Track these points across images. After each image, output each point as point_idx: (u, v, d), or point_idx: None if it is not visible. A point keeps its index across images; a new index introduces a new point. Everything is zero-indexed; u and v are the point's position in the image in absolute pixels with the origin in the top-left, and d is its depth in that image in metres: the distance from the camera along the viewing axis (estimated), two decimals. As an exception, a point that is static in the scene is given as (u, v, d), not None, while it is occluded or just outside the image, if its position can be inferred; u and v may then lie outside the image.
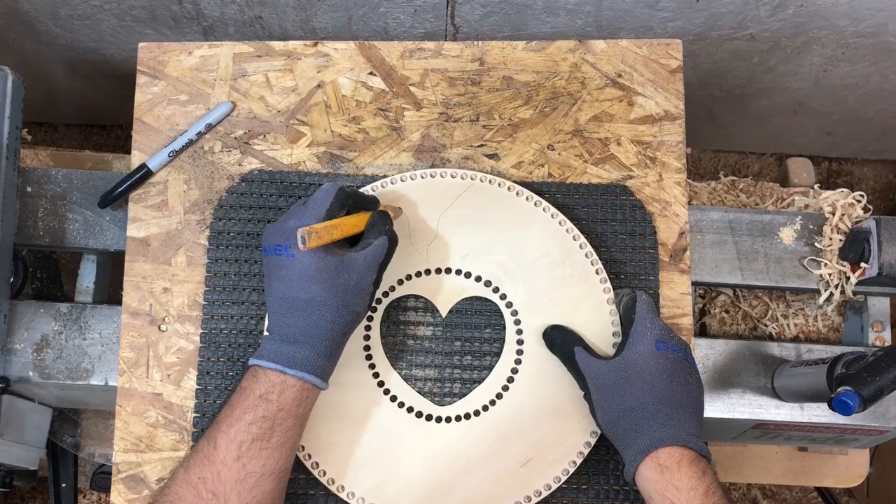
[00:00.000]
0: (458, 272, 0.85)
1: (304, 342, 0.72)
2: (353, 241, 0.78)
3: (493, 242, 0.85)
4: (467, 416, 0.82)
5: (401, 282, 0.84)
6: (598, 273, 0.84)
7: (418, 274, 0.85)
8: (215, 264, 0.86)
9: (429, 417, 0.82)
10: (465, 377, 0.83)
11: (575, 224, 0.87)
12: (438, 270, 0.85)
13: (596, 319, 0.83)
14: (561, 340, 0.81)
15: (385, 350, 0.83)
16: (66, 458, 1.11)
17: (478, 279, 0.84)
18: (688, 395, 0.75)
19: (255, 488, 0.69)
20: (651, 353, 0.75)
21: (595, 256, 0.84)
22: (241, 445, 0.69)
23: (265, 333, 0.75)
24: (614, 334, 0.83)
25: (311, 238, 0.71)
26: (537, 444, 0.80)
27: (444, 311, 0.84)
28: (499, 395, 0.82)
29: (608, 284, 0.84)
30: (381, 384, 0.83)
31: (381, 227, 0.77)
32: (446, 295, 0.85)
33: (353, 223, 0.77)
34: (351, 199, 0.78)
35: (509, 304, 0.84)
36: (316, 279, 0.72)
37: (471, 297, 0.85)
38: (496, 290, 0.84)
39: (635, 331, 0.77)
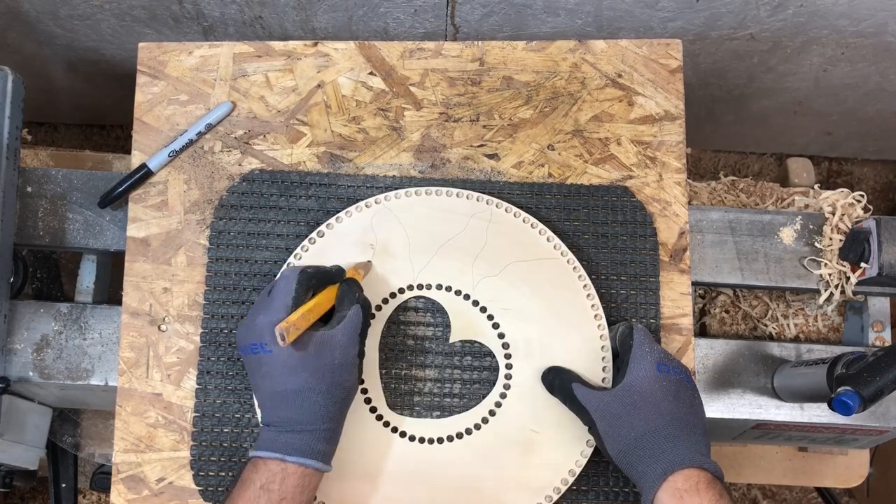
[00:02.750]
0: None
1: (301, 430, 0.71)
2: (325, 318, 0.76)
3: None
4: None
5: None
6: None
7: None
8: (216, 264, 0.86)
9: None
10: (456, 400, 0.84)
11: (576, 225, 0.87)
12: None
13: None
14: (559, 381, 0.80)
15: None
16: (66, 458, 1.11)
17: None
18: (695, 416, 0.75)
19: None
20: (654, 376, 0.74)
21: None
22: None
23: (261, 425, 0.74)
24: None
25: (290, 332, 0.69)
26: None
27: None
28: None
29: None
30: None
31: (352, 297, 0.76)
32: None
33: (324, 302, 0.75)
34: (315, 279, 0.76)
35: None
36: (300, 368, 0.71)
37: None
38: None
39: (635, 356, 0.76)
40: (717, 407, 0.94)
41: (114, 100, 1.42)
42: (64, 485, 1.11)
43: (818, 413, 0.95)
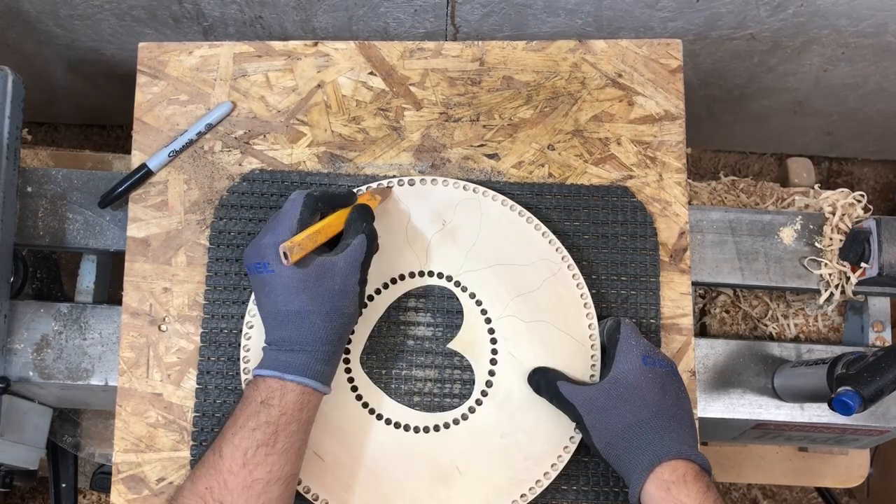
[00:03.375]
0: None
1: (300, 350, 0.72)
2: (334, 242, 0.77)
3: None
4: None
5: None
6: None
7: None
8: (216, 264, 0.86)
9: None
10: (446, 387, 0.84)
11: (576, 225, 0.87)
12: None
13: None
14: (544, 381, 0.80)
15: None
16: (66, 458, 1.11)
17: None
18: (681, 408, 0.75)
19: (262, 495, 0.69)
20: (639, 368, 0.75)
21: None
22: (247, 452, 0.69)
23: (264, 345, 0.75)
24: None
25: (294, 252, 0.71)
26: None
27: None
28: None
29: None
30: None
31: (359, 226, 0.77)
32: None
33: (333, 225, 0.76)
34: (322, 202, 0.78)
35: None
36: (300, 290, 0.72)
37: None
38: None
39: (621, 349, 0.76)
40: (717, 407, 0.94)
41: (114, 100, 1.42)
42: (64, 485, 1.11)
43: (818, 413, 0.95)
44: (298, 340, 0.72)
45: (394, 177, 0.88)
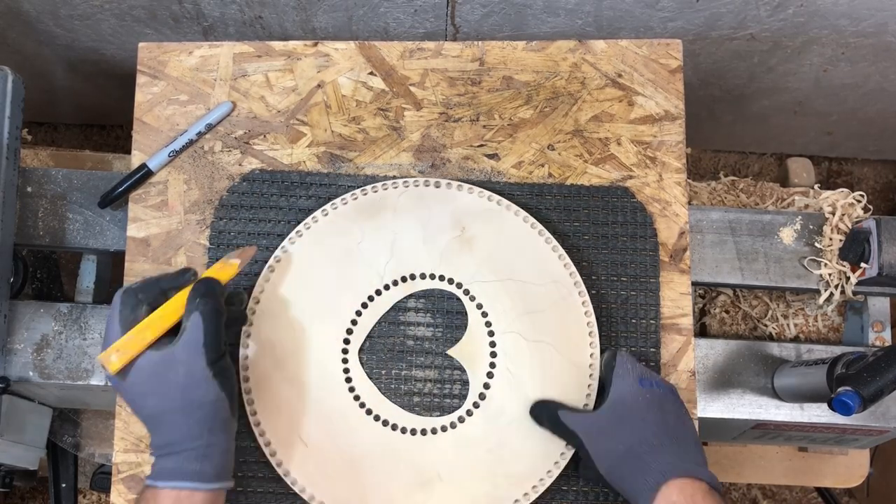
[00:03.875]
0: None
1: (168, 453, 0.68)
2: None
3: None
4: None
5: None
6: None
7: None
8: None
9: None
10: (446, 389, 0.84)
11: (576, 226, 0.87)
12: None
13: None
14: (546, 413, 0.79)
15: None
16: (66, 458, 1.11)
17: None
18: (684, 427, 0.73)
19: None
20: (636, 389, 0.74)
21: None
22: None
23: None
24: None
25: (112, 362, 0.66)
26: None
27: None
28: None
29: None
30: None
31: (192, 305, 0.69)
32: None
33: (169, 312, 0.70)
34: (143, 293, 0.71)
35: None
36: (144, 394, 0.68)
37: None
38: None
39: (617, 374, 0.76)
40: (717, 407, 0.94)
41: (114, 100, 1.42)
42: (64, 485, 1.11)
43: (818, 413, 0.95)
44: (167, 442, 0.68)
45: (394, 177, 0.88)
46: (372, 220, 0.85)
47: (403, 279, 0.85)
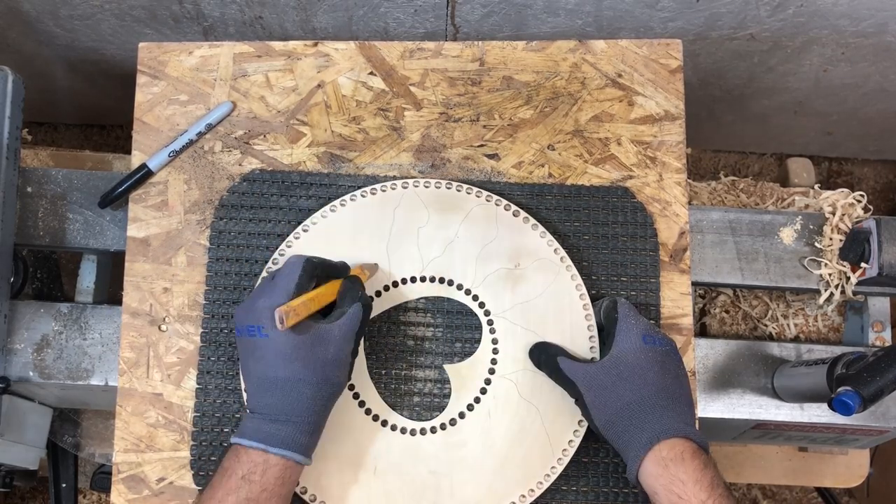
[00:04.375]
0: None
1: (286, 420, 0.70)
2: (325, 311, 0.76)
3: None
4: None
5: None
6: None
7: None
8: (216, 264, 0.86)
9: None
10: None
11: (576, 226, 0.87)
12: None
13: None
14: (545, 356, 0.80)
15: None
16: (66, 458, 1.11)
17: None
18: (680, 387, 0.75)
19: None
20: (640, 346, 0.75)
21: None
22: None
23: (247, 411, 0.73)
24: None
25: (289, 317, 0.69)
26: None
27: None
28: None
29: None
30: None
31: (354, 294, 0.75)
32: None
33: (326, 293, 0.75)
34: (319, 269, 0.76)
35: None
36: (293, 357, 0.70)
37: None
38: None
39: (620, 328, 0.77)
40: (717, 407, 0.94)
41: (114, 100, 1.42)
42: (64, 485, 1.11)
43: (818, 413, 0.95)
44: (285, 410, 0.70)
45: (394, 177, 0.88)
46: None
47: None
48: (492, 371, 0.83)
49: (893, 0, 1.10)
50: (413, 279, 0.85)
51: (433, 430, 0.82)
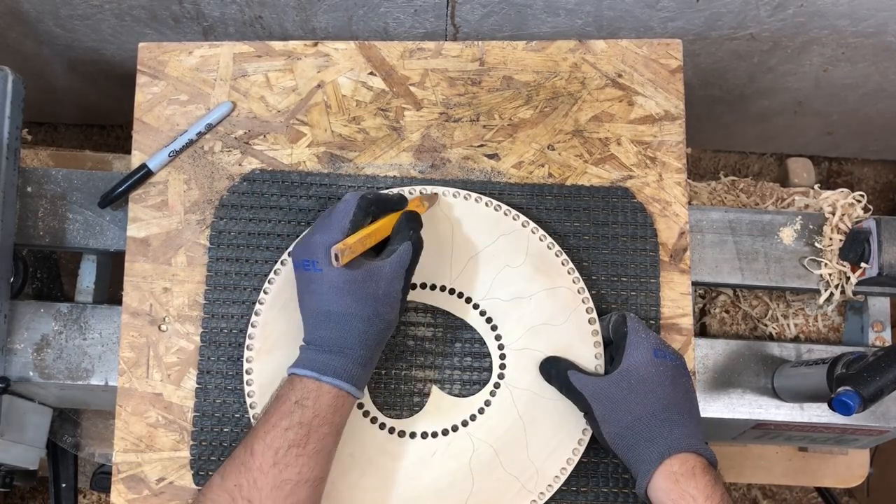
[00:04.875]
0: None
1: (338, 352, 0.72)
2: (381, 245, 0.78)
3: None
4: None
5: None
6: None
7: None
8: (216, 263, 0.86)
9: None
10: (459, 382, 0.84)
11: (576, 226, 0.87)
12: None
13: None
14: (555, 370, 0.80)
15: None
16: (66, 458, 1.10)
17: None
18: (690, 402, 0.75)
19: (290, 496, 0.69)
20: (650, 360, 0.75)
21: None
22: (278, 452, 0.69)
23: (302, 344, 0.75)
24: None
25: (345, 255, 0.72)
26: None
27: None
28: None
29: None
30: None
31: (406, 233, 0.76)
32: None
33: (382, 229, 0.77)
34: (374, 205, 0.78)
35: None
36: (345, 291, 0.72)
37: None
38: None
39: (630, 342, 0.76)
40: (717, 407, 0.94)
41: (114, 100, 1.42)
42: (64, 485, 1.11)
43: (818, 413, 0.94)
44: (338, 342, 0.72)
45: (394, 178, 0.88)
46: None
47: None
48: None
49: (893, 0, 1.10)
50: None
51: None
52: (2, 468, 0.99)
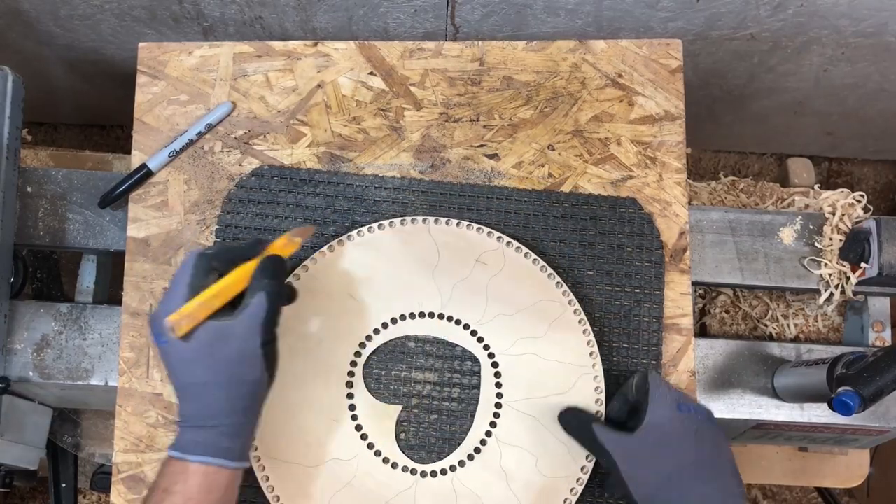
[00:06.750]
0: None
1: (202, 426, 0.68)
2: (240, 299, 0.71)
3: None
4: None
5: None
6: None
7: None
8: (215, 264, 0.86)
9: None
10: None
11: (580, 235, 0.86)
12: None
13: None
14: (577, 423, 0.78)
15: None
16: (66, 458, 1.11)
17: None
18: (722, 456, 0.73)
19: None
20: (675, 415, 0.73)
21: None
22: None
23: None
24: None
25: (181, 325, 0.66)
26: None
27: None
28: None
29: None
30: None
31: (260, 283, 0.69)
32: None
33: (234, 283, 0.69)
34: (217, 260, 0.71)
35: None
36: (194, 361, 0.67)
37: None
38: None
39: (653, 397, 0.74)
40: (717, 407, 0.94)
41: (114, 100, 1.42)
42: (64, 485, 1.11)
43: (818, 413, 0.95)
44: (201, 415, 0.68)
45: (395, 178, 0.88)
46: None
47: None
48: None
49: (893, 0, 1.10)
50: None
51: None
52: (2, 468, 0.99)
